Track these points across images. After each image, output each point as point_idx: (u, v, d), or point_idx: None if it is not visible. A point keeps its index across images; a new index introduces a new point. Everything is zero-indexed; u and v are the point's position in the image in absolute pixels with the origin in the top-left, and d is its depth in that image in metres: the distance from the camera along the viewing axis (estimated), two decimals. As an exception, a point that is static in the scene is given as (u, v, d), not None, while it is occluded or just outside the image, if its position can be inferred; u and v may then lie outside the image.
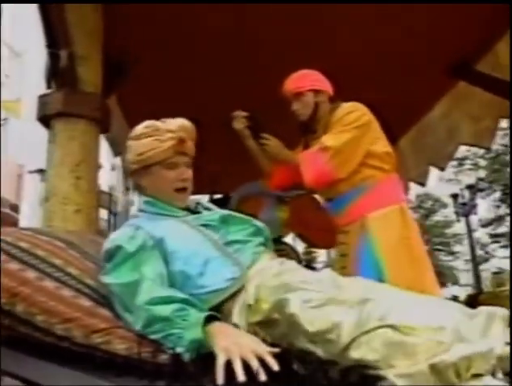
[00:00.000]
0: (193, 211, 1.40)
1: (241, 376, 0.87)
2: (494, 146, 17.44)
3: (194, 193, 1.55)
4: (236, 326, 1.08)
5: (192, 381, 0.94)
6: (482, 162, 17.49)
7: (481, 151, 17.43)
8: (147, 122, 1.35)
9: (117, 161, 6.90)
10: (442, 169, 4.38)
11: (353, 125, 1.87)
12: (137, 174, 1.36)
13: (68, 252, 1.24)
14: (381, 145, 1.96)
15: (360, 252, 1.89)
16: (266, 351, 0.93)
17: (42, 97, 2.33)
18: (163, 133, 1.30)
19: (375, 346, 0.80)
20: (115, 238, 1.23)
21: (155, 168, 1.32)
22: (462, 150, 17.30)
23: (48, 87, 2.42)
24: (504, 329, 0.92)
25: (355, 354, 0.85)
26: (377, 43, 3.01)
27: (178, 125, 1.33)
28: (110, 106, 2.72)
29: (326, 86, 2.07)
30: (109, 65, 2.65)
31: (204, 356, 0.96)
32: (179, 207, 1.35)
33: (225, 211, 1.41)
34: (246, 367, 0.89)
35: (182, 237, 1.24)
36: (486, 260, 18.44)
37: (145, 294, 1.07)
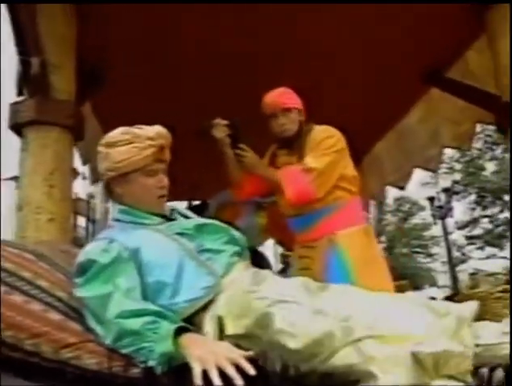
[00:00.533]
0: (169, 218, 1.38)
1: (217, 383, 0.86)
2: (469, 150, 17.89)
3: (172, 200, 1.54)
4: (208, 335, 1.07)
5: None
6: (457, 166, 17.89)
7: (457, 155, 17.86)
8: (123, 129, 1.33)
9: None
10: (433, 171, 4.48)
11: (332, 149, 2.00)
12: (114, 182, 1.33)
13: (38, 265, 1.22)
14: (351, 169, 2.12)
15: (329, 265, 1.96)
16: (240, 355, 0.92)
17: (13, 105, 2.29)
18: (143, 141, 1.28)
19: (354, 356, 0.81)
20: (88, 251, 1.22)
21: (134, 175, 1.30)
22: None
23: (20, 94, 2.37)
24: (470, 332, 0.95)
25: (338, 363, 0.85)
26: (351, 51, 3.06)
27: (156, 132, 1.32)
28: (85, 114, 2.69)
29: (304, 108, 2.17)
30: (83, 72, 2.62)
31: (177, 369, 0.95)
32: (155, 215, 1.34)
33: (201, 220, 1.41)
34: (223, 374, 0.89)
35: (157, 247, 1.23)
36: (463, 261, 18.80)
37: (116, 307, 1.06)
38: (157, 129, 1.33)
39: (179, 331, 1.00)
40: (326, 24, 2.79)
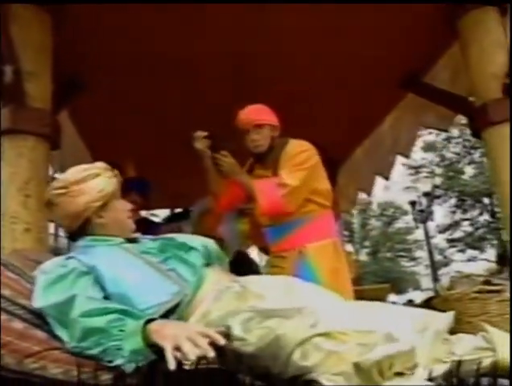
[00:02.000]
0: (135, 240, 1.44)
1: (192, 356, 0.88)
2: (448, 154, 18.24)
3: (156, 208, 1.59)
4: None
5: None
6: (438, 170, 18.20)
7: (437, 159, 18.16)
8: (78, 167, 1.44)
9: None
10: (386, 178, 4.56)
11: (305, 164, 2.07)
12: (95, 214, 1.39)
13: (4, 274, 1.20)
14: (324, 183, 2.18)
15: (298, 276, 1.99)
16: (210, 330, 0.97)
17: (-12, 114, 2.26)
18: (106, 171, 1.42)
19: (311, 353, 0.83)
20: (45, 265, 1.25)
21: (112, 202, 1.41)
22: (418, 159, 17.96)
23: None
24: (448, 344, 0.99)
25: (297, 359, 0.87)
26: (326, 58, 3.10)
27: (99, 165, 1.45)
28: (61, 122, 2.67)
29: (279, 123, 2.22)
30: (60, 80, 2.60)
31: (148, 373, 0.95)
32: (116, 236, 1.40)
33: (166, 238, 1.45)
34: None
35: (117, 261, 1.27)
36: (446, 264, 19.07)
37: (79, 308, 1.06)
38: (98, 164, 1.46)
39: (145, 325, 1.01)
40: (301, 32, 2.83)
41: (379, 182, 4.83)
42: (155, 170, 3.50)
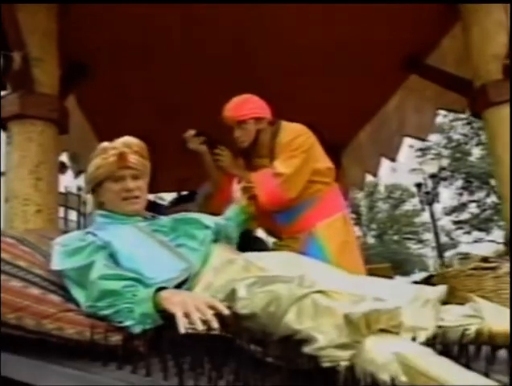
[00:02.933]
0: (148, 218, 1.51)
1: (199, 326, 0.97)
2: (455, 136, 18.10)
3: (162, 191, 1.64)
4: None
5: (143, 362, 1.01)
6: (444, 152, 18.07)
7: (444, 141, 18.03)
8: (99, 145, 1.50)
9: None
10: (393, 160, 4.55)
11: (300, 150, 2.06)
12: (95, 193, 1.49)
13: (19, 248, 1.29)
14: (323, 161, 2.18)
15: (307, 254, 2.01)
16: (215, 300, 1.05)
17: (-5, 99, 2.33)
18: (108, 151, 1.44)
19: (307, 309, 0.90)
20: (65, 237, 1.35)
21: (106, 183, 1.44)
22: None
23: (2, 89, 2.42)
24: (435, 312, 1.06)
25: (291, 318, 0.94)
26: (330, 40, 3.12)
27: (121, 141, 1.46)
28: (69, 107, 2.74)
29: (266, 112, 2.16)
30: (66, 66, 2.66)
31: (155, 338, 1.04)
32: (130, 215, 1.46)
33: (177, 217, 1.52)
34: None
35: (131, 239, 1.35)
36: (453, 246, 19.09)
37: (98, 271, 1.16)
38: (123, 139, 1.48)
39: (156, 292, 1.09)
40: (305, 14, 2.85)
41: (386, 164, 4.83)
42: (161, 154, 3.57)
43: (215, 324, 0.99)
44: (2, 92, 2.38)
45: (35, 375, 0.95)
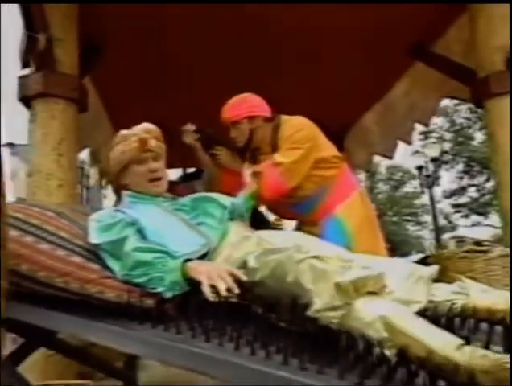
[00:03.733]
0: (169, 199, 1.66)
1: (223, 292, 1.14)
2: (459, 120, 18.10)
3: (167, 167, 1.77)
4: None
5: (173, 322, 1.17)
6: (447, 135, 18.10)
7: (447, 124, 18.04)
8: (119, 133, 1.65)
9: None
10: (408, 143, 4.65)
11: (302, 142, 2.10)
12: (120, 176, 1.63)
13: (59, 220, 1.44)
14: (329, 150, 2.22)
15: (327, 234, 2.10)
16: (236, 270, 1.22)
17: (21, 78, 2.44)
18: (129, 138, 1.59)
19: (306, 273, 1.05)
20: (99, 213, 1.50)
21: (131, 166, 1.59)
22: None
23: (24, 67, 2.52)
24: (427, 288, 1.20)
25: (290, 279, 1.09)
26: (340, 27, 3.20)
27: (140, 128, 1.62)
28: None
29: (261, 110, 2.19)
30: (83, 46, 2.75)
31: (183, 301, 1.19)
32: (155, 195, 1.61)
33: (196, 196, 1.68)
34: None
35: (156, 217, 1.50)
36: (453, 229, 19.31)
37: (132, 244, 1.31)
38: (142, 125, 1.63)
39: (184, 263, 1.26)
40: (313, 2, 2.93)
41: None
42: (169, 131, 3.68)
43: (236, 290, 1.15)
44: (26, 71, 2.48)
45: (83, 330, 1.11)
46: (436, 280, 1.36)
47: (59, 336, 1.77)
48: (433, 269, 1.32)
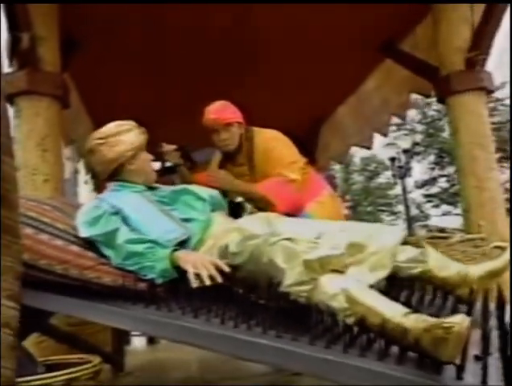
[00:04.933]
0: (151, 187, 1.79)
1: (206, 279, 1.28)
2: (430, 112, 18.59)
3: None
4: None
5: (164, 303, 1.31)
6: (419, 127, 18.58)
7: (418, 116, 18.51)
8: (115, 123, 1.73)
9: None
10: (385, 135, 4.83)
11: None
12: (127, 161, 1.71)
13: (54, 213, 1.56)
14: (300, 158, 2.30)
15: None
16: (218, 261, 1.36)
17: (5, 76, 2.49)
18: (137, 128, 1.72)
19: (279, 254, 1.20)
20: (85, 206, 1.62)
21: (139, 154, 1.72)
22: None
23: (10, 65, 2.57)
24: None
25: (266, 260, 1.24)
26: (314, 24, 3.35)
27: (128, 122, 1.74)
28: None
29: (243, 119, 2.26)
30: (63, 42, 2.81)
31: (173, 285, 1.33)
32: (138, 184, 1.73)
33: (176, 189, 1.79)
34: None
35: (139, 206, 1.62)
36: (426, 218, 19.86)
37: (123, 236, 1.44)
38: (128, 121, 1.75)
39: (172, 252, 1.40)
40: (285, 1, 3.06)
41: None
42: (149, 125, 3.77)
43: (218, 278, 1.30)
44: (9, 69, 2.54)
45: (81, 311, 1.24)
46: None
47: (51, 322, 1.89)
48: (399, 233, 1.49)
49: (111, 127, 1.72)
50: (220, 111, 2.19)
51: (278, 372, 2.29)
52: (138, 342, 3.72)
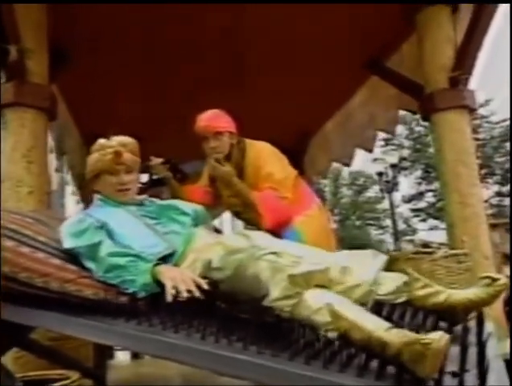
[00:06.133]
0: (139, 204, 1.78)
1: (184, 294, 1.27)
2: (417, 128, 18.87)
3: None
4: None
5: (145, 318, 1.30)
6: (406, 143, 18.85)
7: (406, 132, 18.77)
8: (99, 141, 1.74)
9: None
10: (370, 151, 4.87)
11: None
12: (92, 182, 1.75)
13: (37, 226, 1.55)
14: (291, 170, 2.32)
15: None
16: (197, 277, 1.35)
17: (-8, 88, 2.50)
18: (105, 148, 1.70)
19: (263, 266, 1.21)
20: (70, 220, 1.62)
21: (103, 176, 1.71)
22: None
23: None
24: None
25: (250, 274, 1.24)
26: (301, 39, 3.40)
27: (118, 140, 1.72)
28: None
29: (236, 130, 2.28)
30: (52, 55, 2.82)
31: (154, 299, 1.33)
32: (122, 202, 1.72)
33: (162, 203, 1.80)
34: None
35: (123, 220, 1.62)
36: (414, 232, 20.02)
37: (106, 249, 1.44)
38: (119, 138, 1.74)
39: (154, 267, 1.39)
40: (274, 16, 3.11)
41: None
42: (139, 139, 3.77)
43: (197, 293, 1.29)
44: (-3, 81, 2.54)
45: (61, 325, 1.22)
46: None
47: (31, 337, 1.86)
48: (381, 261, 1.50)
49: (97, 142, 1.75)
50: (211, 119, 2.21)
51: (262, 387, 2.27)
52: (122, 356, 3.67)
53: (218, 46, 3.34)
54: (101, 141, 1.73)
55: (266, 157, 2.22)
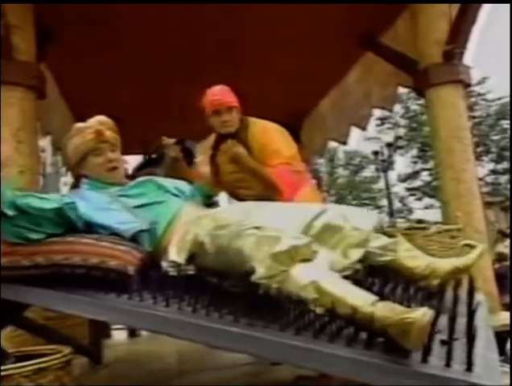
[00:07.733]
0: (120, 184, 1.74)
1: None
2: (412, 106, 18.78)
3: (125, 154, 1.86)
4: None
5: (136, 293, 1.30)
6: (402, 121, 18.77)
7: (401, 111, 18.69)
8: (74, 126, 1.72)
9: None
10: (363, 129, 4.83)
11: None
12: (77, 167, 1.71)
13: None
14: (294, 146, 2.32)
15: None
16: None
17: (-22, 66, 2.44)
18: (85, 130, 1.67)
19: (249, 243, 1.20)
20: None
21: (88, 158, 1.68)
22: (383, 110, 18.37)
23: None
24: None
25: (235, 249, 1.23)
26: (295, 16, 3.34)
27: (95, 120, 1.70)
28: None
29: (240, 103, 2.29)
30: (39, 32, 2.76)
31: (145, 274, 1.32)
32: (110, 184, 1.68)
33: (141, 180, 1.74)
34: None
35: (96, 201, 1.57)
36: (410, 211, 20.11)
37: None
38: (97, 118, 1.71)
39: None
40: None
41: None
42: (126, 116, 3.72)
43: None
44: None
45: (53, 302, 1.22)
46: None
47: (27, 316, 1.86)
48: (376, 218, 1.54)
49: (74, 127, 1.71)
50: (224, 93, 2.23)
51: (257, 363, 2.30)
52: (119, 335, 3.70)
53: (210, 26, 3.27)
54: (78, 124, 1.71)
55: (271, 134, 2.24)
